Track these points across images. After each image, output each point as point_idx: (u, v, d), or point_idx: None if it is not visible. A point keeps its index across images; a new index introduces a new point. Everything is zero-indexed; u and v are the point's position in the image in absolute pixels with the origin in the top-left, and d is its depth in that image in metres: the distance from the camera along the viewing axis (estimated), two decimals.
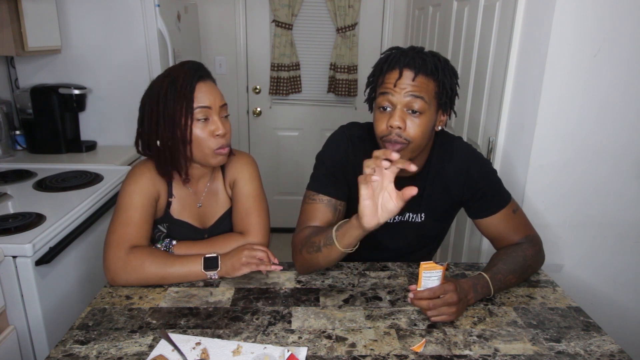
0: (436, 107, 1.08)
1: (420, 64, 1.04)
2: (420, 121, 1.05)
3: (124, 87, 2.13)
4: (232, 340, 0.92)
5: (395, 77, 1.05)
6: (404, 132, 1.05)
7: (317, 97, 3.20)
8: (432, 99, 1.06)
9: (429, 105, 1.05)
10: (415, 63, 1.04)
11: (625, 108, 1.40)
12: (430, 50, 1.12)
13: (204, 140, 1.11)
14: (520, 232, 1.18)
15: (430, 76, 1.05)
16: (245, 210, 1.23)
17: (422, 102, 1.04)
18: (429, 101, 1.05)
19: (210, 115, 1.11)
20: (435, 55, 1.08)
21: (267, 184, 1.62)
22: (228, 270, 1.13)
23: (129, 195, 1.13)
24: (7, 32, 1.77)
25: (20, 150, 2.12)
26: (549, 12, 1.33)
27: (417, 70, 1.04)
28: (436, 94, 1.06)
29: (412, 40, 2.87)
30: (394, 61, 1.06)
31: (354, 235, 1.00)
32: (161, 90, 1.09)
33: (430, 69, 1.04)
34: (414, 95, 1.04)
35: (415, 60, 1.04)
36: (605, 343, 0.95)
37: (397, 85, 1.04)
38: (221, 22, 3.02)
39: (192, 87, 1.08)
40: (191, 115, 1.08)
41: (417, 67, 1.04)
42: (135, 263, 1.08)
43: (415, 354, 0.90)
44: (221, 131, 1.11)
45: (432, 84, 1.05)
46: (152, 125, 1.11)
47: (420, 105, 1.04)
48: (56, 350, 0.89)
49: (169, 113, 1.08)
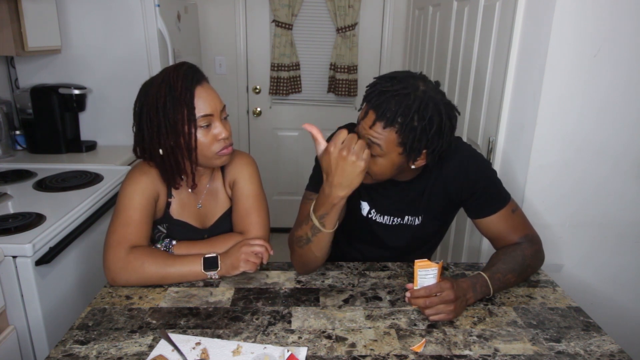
0: (400, 152, 1.02)
1: (382, 112, 0.98)
2: (380, 162, 1.04)
3: (124, 87, 2.13)
4: (232, 340, 0.92)
5: (362, 113, 1.04)
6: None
7: (317, 97, 3.20)
8: (391, 147, 1.01)
9: (387, 152, 1.01)
10: (380, 109, 0.99)
11: (625, 108, 1.40)
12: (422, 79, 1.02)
13: (207, 145, 1.10)
14: (520, 232, 1.18)
15: (389, 127, 0.99)
16: (245, 210, 1.23)
17: (377, 148, 1.01)
18: (386, 149, 1.01)
19: (212, 121, 1.10)
20: (407, 96, 0.98)
21: (267, 184, 1.62)
22: (228, 269, 1.13)
23: (129, 196, 1.13)
24: (7, 32, 1.77)
25: (20, 150, 2.12)
26: (549, 12, 1.33)
27: (377, 117, 0.99)
28: (399, 143, 1.00)
29: (412, 40, 2.87)
30: (368, 96, 1.03)
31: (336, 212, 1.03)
32: (159, 98, 1.06)
33: (390, 118, 0.98)
34: (370, 140, 1.01)
35: (381, 106, 0.98)
36: (605, 343, 0.95)
37: (360, 123, 1.04)
38: (221, 22, 3.02)
39: (192, 94, 1.07)
40: (194, 123, 1.07)
41: (378, 115, 0.99)
42: (135, 263, 1.08)
43: (415, 354, 0.90)
44: (224, 135, 1.11)
45: (392, 133, 0.99)
46: (153, 134, 1.09)
47: (375, 150, 1.01)
48: (56, 350, 0.89)
49: (170, 122, 1.07)
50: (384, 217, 1.24)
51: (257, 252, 1.14)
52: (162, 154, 1.10)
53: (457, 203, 1.24)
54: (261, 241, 1.16)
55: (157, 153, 1.11)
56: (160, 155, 1.11)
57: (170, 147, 1.09)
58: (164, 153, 1.10)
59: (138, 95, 1.12)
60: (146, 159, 1.16)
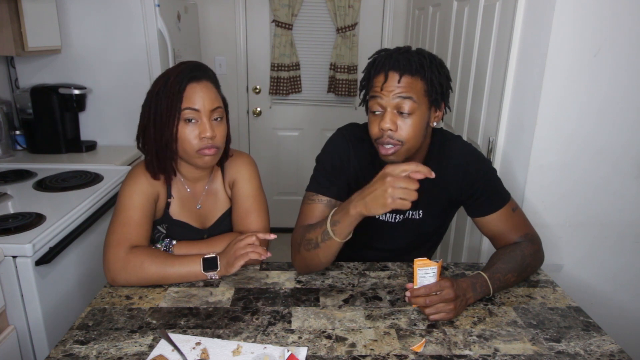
0: (427, 104, 1.08)
1: (404, 65, 1.04)
2: (412, 121, 1.06)
3: (124, 87, 2.13)
4: (232, 340, 0.92)
5: (381, 80, 1.06)
6: (396, 134, 1.06)
7: (317, 97, 3.20)
8: (421, 98, 1.06)
9: (419, 104, 1.05)
10: (400, 64, 1.04)
11: (625, 108, 1.40)
12: (418, 48, 1.12)
13: (188, 140, 1.10)
14: (520, 231, 1.18)
15: (416, 75, 1.04)
16: (244, 210, 1.23)
17: (411, 102, 1.04)
18: (418, 100, 1.05)
19: (199, 117, 1.10)
20: (420, 53, 1.07)
21: (267, 184, 1.62)
22: (226, 268, 1.13)
23: (129, 196, 1.13)
24: (7, 32, 1.77)
25: (20, 150, 2.12)
26: (549, 12, 1.33)
27: (401, 71, 1.04)
28: (425, 92, 1.06)
29: (412, 40, 2.87)
30: (380, 65, 1.07)
31: (352, 224, 1.02)
32: (155, 86, 1.11)
33: (414, 68, 1.04)
34: (402, 97, 1.04)
35: (400, 62, 1.04)
36: (605, 343, 0.95)
37: (384, 89, 1.05)
38: (221, 22, 3.02)
39: (182, 87, 1.08)
40: (178, 114, 1.08)
41: (401, 68, 1.04)
42: (135, 263, 1.08)
43: (415, 354, 0.90)
44: (208, 134, 1.09)
45: (419, 82, 1.05)
46: (144, 120, 1.12)
47: (409, 106, 1.04)
48: (56, 350, 0.89)
49: (159, 112, 1.09)
50: (386, 214, 1.24)
51: (249, 244, 1.09)
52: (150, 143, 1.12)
53: (457, 201, 1.24)
54: (253, 233, 1.11)
55: (145, 139, 1.13)
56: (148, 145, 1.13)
57: (157, 137, 1.11)
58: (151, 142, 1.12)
59: None
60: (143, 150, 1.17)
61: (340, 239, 1.04)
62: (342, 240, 1.05)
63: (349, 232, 1.04)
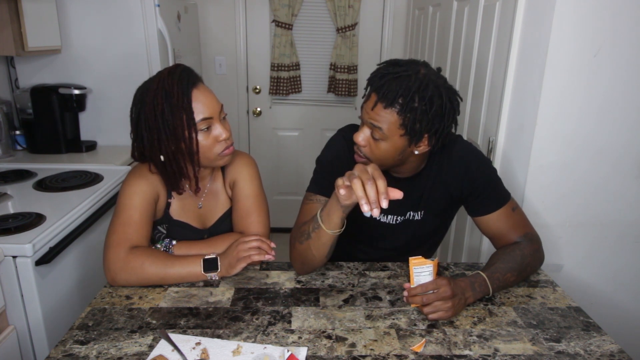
0: (403, 135, 1.03)
1: (384, 93, 1.00)
2: (382, 146, 1.05)
3: (124, 87, 2.12)
4: (232, 340, 0.92)
5: (366, 96, 1.06)
6: (364, 149, 1.08)
7: (317, 97, 3.20)
8: (393, 130, 1.02)
9: (389, 136, 1.03)
10: (381, 90, 1.00)
11: (625, 108, 1.40)
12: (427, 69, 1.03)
13: (209, 147, 1.10)
14: (520, 231, 1.18)
15: (389, 107, 1.00)
16: (245, 210, 1.23)
17: (379, 132, 1.03)
18: (388, 132, 1.02)
19: (212, 123, 1.10)
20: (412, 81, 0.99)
21: (267, 184, 1.62)
22: (227, 269, 1.13)
23: (129, 196, 1.13)
24: (7, 32, 1.77)
25: (20, 150, 2.12)
26: (549, 12, 1.33)
27: (378, 98, 1.01)
28: (400, 126, 1.02)
29: (412, 40, 2.87)
30: (371, 80, 1.05)
31: (338, 215, 1.01)
32: (157, 105, 1.05)
33: (390, 99, 0.99)
34: (372, 124, 1.03)
35: (383, 87, 1.00)
36: (605, 343, 0.95)
37: (364, 107, 1.06)
38: (221, 22, 3.02)
39: (189, 99, 1.06)
40: (194, 127, 1.07)
41: (379, 95, 1.01)
42: (135, 263, 1.08)
43: (415, 354, 0.90)
44: (225, 135, 1.11)
45: (393, 115, 1.01)
46: (154, 141, 1.08)
47: (377, 134, 1.04)
48: (56, 350, 0.89)
49: (169, 128, 1.06)
50: (387, 216, 1.24)
51: (253, 248, 1.12)
52: (164, 160, 1.10)
53: (458, 201, 1.24)
54: (257, 236, 1.14)
55: (158, 159, 1.10)
56: (162, 162, 1.10)
57: (171, 153, 1.09)
58: (165, 159, 1.09)
59: (134, 101, 1.10)
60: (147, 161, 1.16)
61: (328, 228, 1.03)
62: (331, 230, 1.03)
63: (337, 224, 1.03)
